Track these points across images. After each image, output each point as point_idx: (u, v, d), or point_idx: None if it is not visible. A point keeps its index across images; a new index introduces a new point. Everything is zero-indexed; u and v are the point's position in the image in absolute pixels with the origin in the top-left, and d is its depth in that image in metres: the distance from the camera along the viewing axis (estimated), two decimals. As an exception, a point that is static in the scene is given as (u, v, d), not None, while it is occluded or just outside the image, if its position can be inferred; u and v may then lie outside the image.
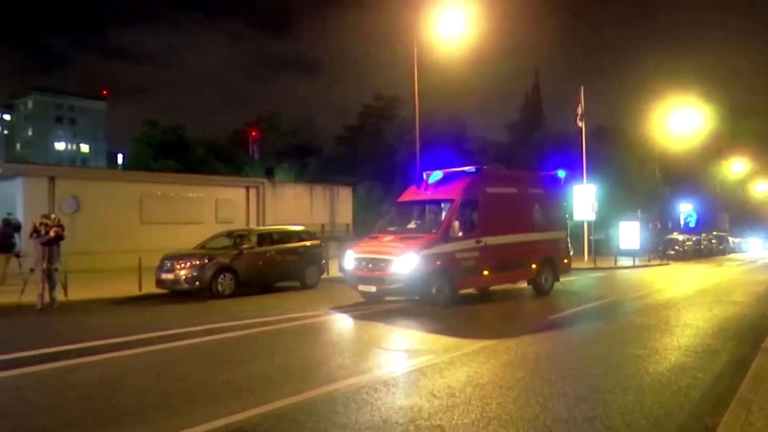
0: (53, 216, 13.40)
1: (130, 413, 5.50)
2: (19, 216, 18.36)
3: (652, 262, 31.94)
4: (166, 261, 14.28)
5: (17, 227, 16.92)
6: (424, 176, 14.52)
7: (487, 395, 5.99)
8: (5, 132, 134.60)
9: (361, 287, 12.81)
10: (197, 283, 13.99)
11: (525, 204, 14.89)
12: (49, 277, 12.57)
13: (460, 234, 12.75)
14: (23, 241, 16.98)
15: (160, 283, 14.23)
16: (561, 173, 16.12)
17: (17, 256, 16.39)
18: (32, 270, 13.01)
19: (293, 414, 5.41)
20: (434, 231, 12.83)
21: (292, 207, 28.61)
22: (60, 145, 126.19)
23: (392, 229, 13.72)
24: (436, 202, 13.85)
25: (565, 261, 16.07)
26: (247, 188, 27.09)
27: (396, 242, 12.74)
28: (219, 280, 14.25)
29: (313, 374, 6.90)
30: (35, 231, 12.85)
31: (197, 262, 14.14)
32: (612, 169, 38.31)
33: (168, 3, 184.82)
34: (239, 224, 24.40)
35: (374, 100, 50.55)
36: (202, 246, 15.77)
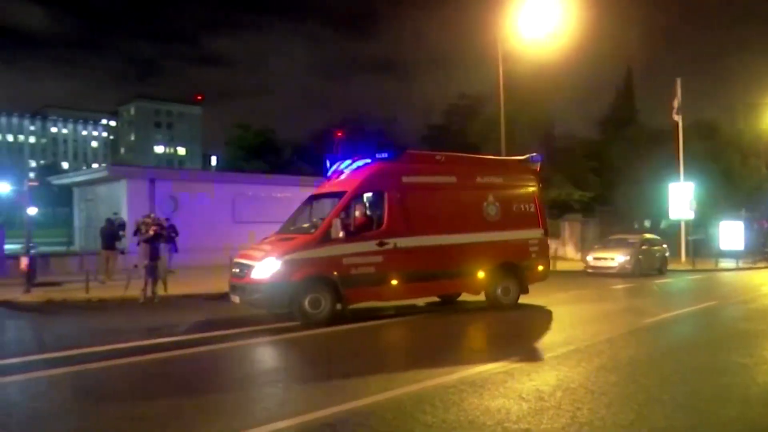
0: (152, 216, 14.33)
1: (219, 402, 5.76)
2: (124, 215, 19.57)
3: (758, 264, 29.84)
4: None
5: (122, 226, 18.06)
6: (339, 164, 12.20)
7: (578, 400, 5.81)
8: (111, 137, 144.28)
9: (231, 296, 11.09)
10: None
11: (470, 197, 11.99)
12: (151, 273, 13.35)
13: (341, 234, 10.30)
14: (128, 240, 18.10)
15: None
16: (533, 158, 13.03)
17: (122, 253, 17.58)
18: (135, 266, 13.90)
19: (380, 411, 5.47)
20: (312, 231, 10.78)
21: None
22: (159, 149, 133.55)
23: (292, 228, 11.77)
24: (334, 196, 11.48)
25: (540, 268, 12.67)
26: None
27: (267, 244, 11.01)
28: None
29: (400, 372, 6.95)
30: (138, 230, 13.74)
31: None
32: (712, 166, 36.09)
33: (253, 10, 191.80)
34: (326, 223, 24.89)
35: (458, 99, 50.16)
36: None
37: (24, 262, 14.63)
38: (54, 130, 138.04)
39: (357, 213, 11.09)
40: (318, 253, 10.32)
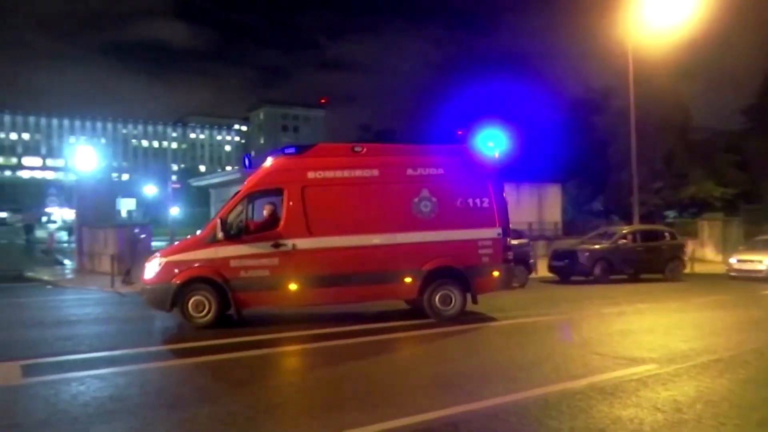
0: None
1: (338, 399, 5.93)
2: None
3: None
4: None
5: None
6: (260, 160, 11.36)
7: (721, 414, 5.37)
8: (242, 141, 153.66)
9: None
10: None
11: (397, 192, 10.52)
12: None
13: (221, 235, 9.84)
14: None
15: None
16: (487, 146, 11.13)
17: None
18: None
19: (504, 414, 5.38)
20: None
21: (498, 205, 28.40)
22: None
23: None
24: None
25: (495, 273, 10.70)
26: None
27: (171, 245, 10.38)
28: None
29: (525, 375, 6.79)
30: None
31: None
32: None
33: (372, 14, 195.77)
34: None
35: (584, 92, 48.14)
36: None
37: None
38: (193, 135, 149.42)
39: (250, 212, 10.40)
40: (202, 255, 9.97)
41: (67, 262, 24.72)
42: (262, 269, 9.95)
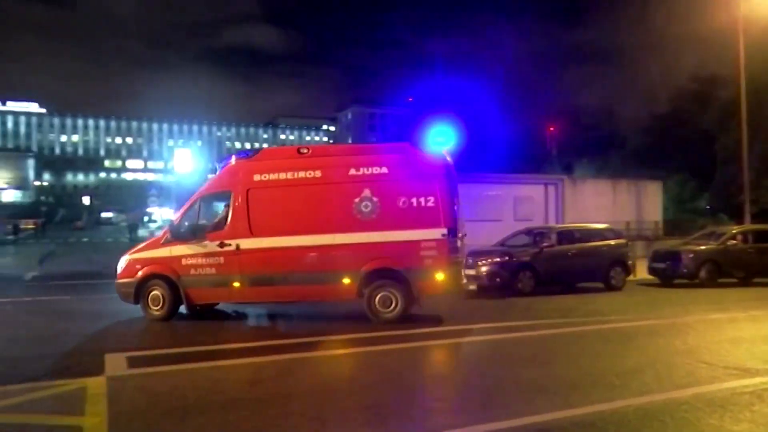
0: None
1: (438, 400, 5.89)
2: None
3: None
4: (468, 257, 14.95)
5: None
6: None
7: None
8: (330, 141, 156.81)
9: None
10: (498, 279, 14.37)
11: (338, 192, 10.60)
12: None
13: (169, 236, 10.95)
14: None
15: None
16: (433, 145, 11.03)
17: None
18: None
19: (601, 422, 5.17)
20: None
21: (593, 204, 27.41)
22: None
23: None
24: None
25: (439, 276, 10.29)
26: (546, 185, 26.86)
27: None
28: (519, 277, 14.42)
29: (623, 383, 6.50)
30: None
31: (498, 259, 14.53)
32: None
33: (461, 9, 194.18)
34: (538, 222, 24.31)
35: (688, 83, 45.60)
36: (503, 243, 16.13)
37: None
38: (283, 136, 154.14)
39: (202, 214, 11.18)
40: (159, 253, 11.05)
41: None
42: (210, 267, 10.78)
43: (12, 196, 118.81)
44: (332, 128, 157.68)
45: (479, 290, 14.64)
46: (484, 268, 14.49)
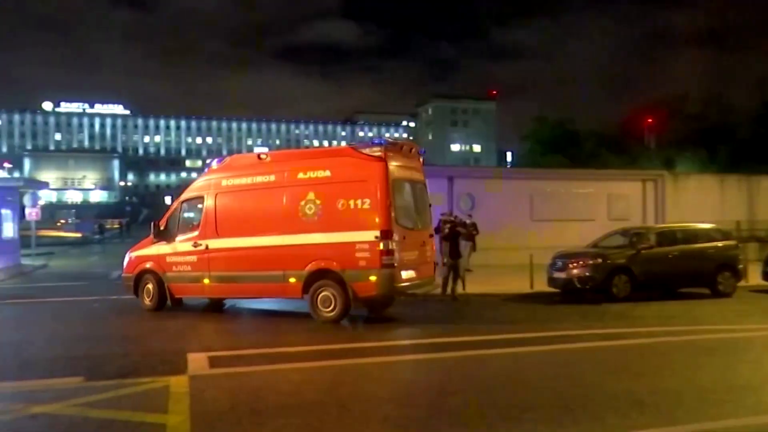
0: (452, 214, 15.26)
1: (528, 409, 5.77)
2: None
3: None
4: (557, 259, 14.59)
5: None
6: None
7: None
8: (410, 138, 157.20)
9: None
10: (590, 283, 13.93)
11: (287, 196, 11.55)
12: (453, 270, 14.11)
13: (152, 237, 13.01)
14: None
15: (551, 281, 14.62)
16: (374, 143, 11.37)
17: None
18: (436, 264, 14.85)
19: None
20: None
21: (698, 202, 26.07)
22: (455, 147, 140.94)
23: None
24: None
25: (372, 278, 10.62)
26: (643, 181, 25.79)
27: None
28: (614, 281, 13.93)
29: (736, 399, 6.13)
30: (439, 228, 14.70)
31: (590, 262, 14.08)
32: None
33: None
34: (635, 221, 23.39)
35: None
36: (595, 244, 15.63)
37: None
38: (361, 134, 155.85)
39: (183, 216, 12.94)
40: (150, 251, 13.09)
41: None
42: (186, 265, 12.53)
43: (99, 196, 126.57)
44: (412, 124, 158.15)
45: (570, 294, 14.26)
46: (575, 271, 14.08)
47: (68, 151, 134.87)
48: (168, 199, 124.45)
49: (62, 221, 75.95)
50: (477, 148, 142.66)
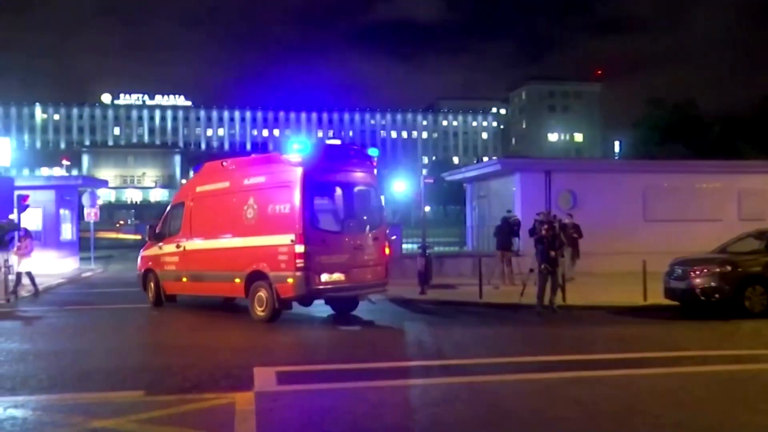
0: (544, 213, 14.98)
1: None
2: (518, 213, 20.81)
3: None
4: (676, 267, 14.08)
5: (517, 225, 19.26)
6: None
7: None
8: (501, 127, 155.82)
9: None
10: (717, 295, 13.35)
11: (236, 200, 13.85)
12: (548, 278, 13.85)
13: (146, 238, 16.74)
14: (522, 240, 19.20)
15: (669, 292, 14.12)
16: (291, 153, 12.84)
17: (517, 254, 18.79)
18: (531, 270, 14.66)
19: None
20: None
21: None
22: (553, 136, 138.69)
23: None
24: None
25: (290, 280, 12.35)
26: (783, 175, 24.52)
27: None
28: (746, 293, 13.28)
29: None
30: (534, 229, 14.48)
31: (717, 270, 13.48)
32: None
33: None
34: (772, 222, 22.25)
35: None
36: (723, 249, 14.96)
37: (420, 262, 16.91)
38: (445, 123, 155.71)
39: (170, 219, 15.82)
40: (149, 252, 16.23)
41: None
42: (172, 264, 15.31)
43: (159, 195, 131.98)
44: (503, 111, 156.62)
45: (692, 308, 13.72)
46: (698, 281, 13.52)
47: (127, 147, 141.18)
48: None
49: (121, 222, 79.80)
50: (579, 137, 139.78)
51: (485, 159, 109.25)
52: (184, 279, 14.89)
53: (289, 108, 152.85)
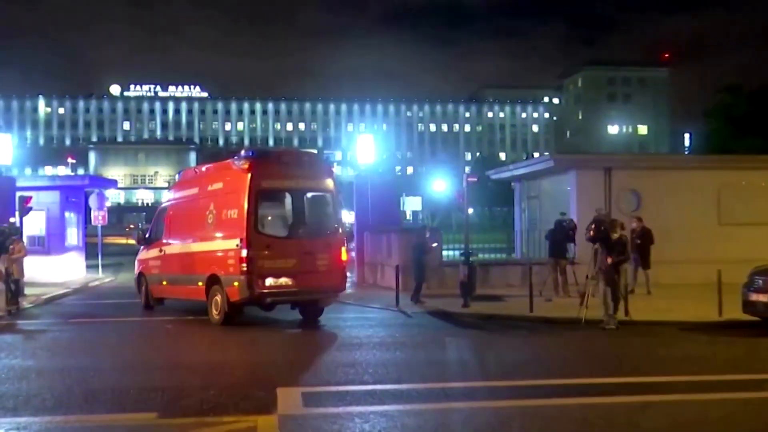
0: (602, 211, 14.76)
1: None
2: (573, 216, 20.58)
3: None
4: (756, 277, 13.81)
5: (572, 229, 19.03)
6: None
7: None
8: (554, 118, 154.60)
9: None
10: (803, 310, 13.10)
11: (200, 206, 16.03)
12: (611, 289, 13.67)
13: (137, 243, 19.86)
14: (578, 246, 18.98)
15: (748, 306, 13.84)
16: (241, 156, 15.13)
17: (572, 263, 18.56)
18: (587, 277, 14.47)
19: None
20: None
21: None
22: (613, 129, 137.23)
23: None
24: None
25: (235, 284, 14.22)
26: None
27: None
28: (838, 308, 13.01)
29: None
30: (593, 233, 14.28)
31: (803, 281, 13.24)
32: None
33: None
34: None
35: None
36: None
37: (463, 271, 16.79)
38: (490, 114, 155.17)
39: (157, 223, 18.36)
40: (141, 256, 18.78)
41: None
42: (156, 268, 17.71)
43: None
44: (555, 100, 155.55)
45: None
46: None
47: (138, 143, 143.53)
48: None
49: (131, 226, 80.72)
50: (642, 129, 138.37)
51: (536, 155, 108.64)
52: (164, 282, 17.32)
53: (316, 98, 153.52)
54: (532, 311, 15.35)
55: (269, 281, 14.19)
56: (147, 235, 18.73)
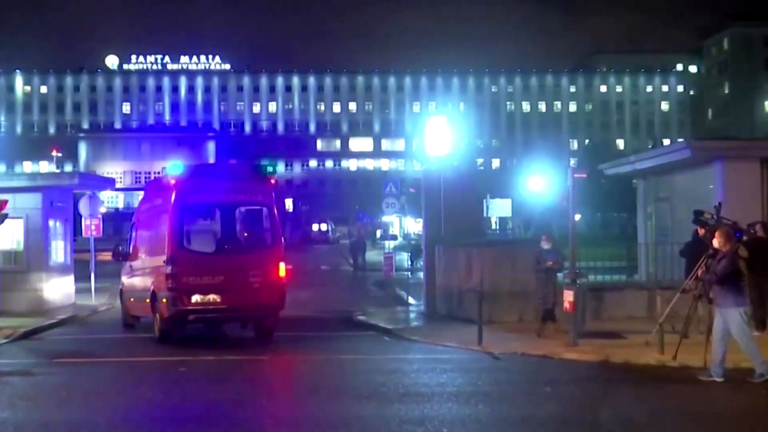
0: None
1: None
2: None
3: None
4: None
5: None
6: None
7: None
8: (690, 93, 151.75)
9: None
10: None
11: (152, 221, 19.93)
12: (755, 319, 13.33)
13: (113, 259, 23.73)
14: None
15: None
16: (172, 172, 18.70)
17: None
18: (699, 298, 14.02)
19: None
20: None
21: None
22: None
23: None
24: None
25: (164, 301, 17.80)
26: None
27: None
28: None
29: None
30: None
31: None
32: None
33: None
34: None
35: None
36: None
37: (569, 298, 16.22)
38: (603, 89, 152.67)
39: (130, 239, 22.36)
40: (124, 270, 22.54)
41: (411, 300, 27.40)
42: (126, 284, 21.91)
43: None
44: (693, 68, 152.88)
45: None
46: None
47: (140, 131, 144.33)
48: (289, 203, 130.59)
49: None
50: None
51: (666, 142, 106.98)
52: (132, 299, 21.27)
53: (371, 70, 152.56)
54: (663, 353, 14.78)
55: (195, 298, 17.66)
56: (122, 249, 22.78)
